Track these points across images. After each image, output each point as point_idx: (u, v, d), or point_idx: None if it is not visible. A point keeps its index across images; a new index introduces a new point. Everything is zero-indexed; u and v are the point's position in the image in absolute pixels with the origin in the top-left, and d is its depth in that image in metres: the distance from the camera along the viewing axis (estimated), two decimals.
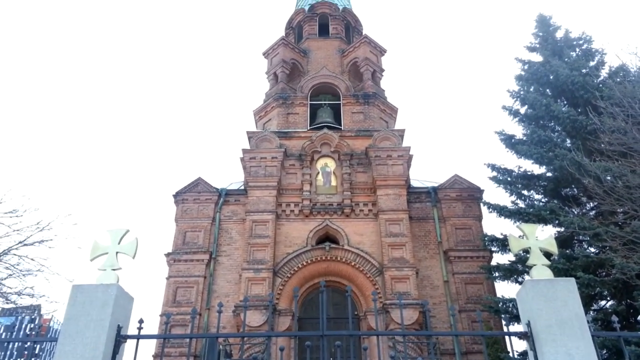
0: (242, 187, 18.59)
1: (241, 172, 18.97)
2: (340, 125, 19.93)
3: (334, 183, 18.08)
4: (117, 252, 6.14)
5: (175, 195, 18.21)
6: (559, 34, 17.02)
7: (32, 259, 13.96)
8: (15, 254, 13.94)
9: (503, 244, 15.61)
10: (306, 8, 24.72)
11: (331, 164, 18.51)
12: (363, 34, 24.00)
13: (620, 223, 13.24)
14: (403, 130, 19.30)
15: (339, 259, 16.33)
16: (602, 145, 13.93)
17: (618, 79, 14.83)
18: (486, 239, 16.24)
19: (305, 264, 16.25)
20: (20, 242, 13.97)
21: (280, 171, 17.95)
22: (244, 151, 18.37)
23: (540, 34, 17.36)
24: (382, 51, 22.93)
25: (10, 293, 14.03)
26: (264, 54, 23.24)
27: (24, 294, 14.05)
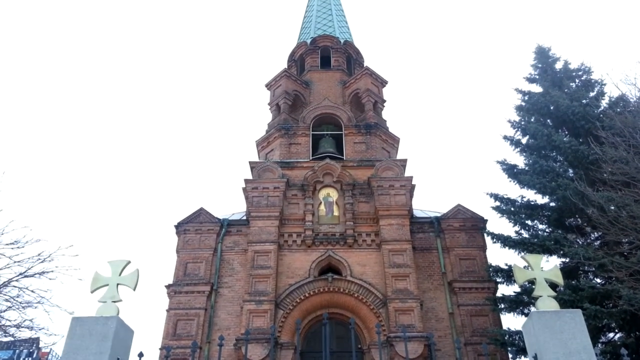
0: (244, 218, 18.54)
1: (243, 202, 18.97)
2: (343, 156, 20.02)
3: (336, 213, 18.04)
4: (117, 284, 6.08)
5: (177, 226, 18.16)
6: (558, 65, 17.25)
7: (32, 291, 13.78)
8: (15, 286, 13.78)
9: (508, 274, 15.43)
10: (308, 41, 25.17)
11: (333, 194, 18.50)
12: (364, 65, 24.35)
13: (625, 253, 13.10)
14: (405, 160, 19.36)
15: (341, 290, 16.13)
16: (605, 175, 13.92)
17: (618, 109, 14.94)
18: (491, 269, 16.07)
19: (307, 295, 16.04)
20: (20, 274, 13.83)
21: (283, 201, 17.93)
22: (247, 181, 18.40)
23: (540, 65, 17.60)
24: (383, 82, 23.22)
25: (9, 326, 13.80)
26: (266, 86, 23.55)
27: (23, 327, 13.81)
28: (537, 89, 17.27)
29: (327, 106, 21.50)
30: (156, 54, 76.18)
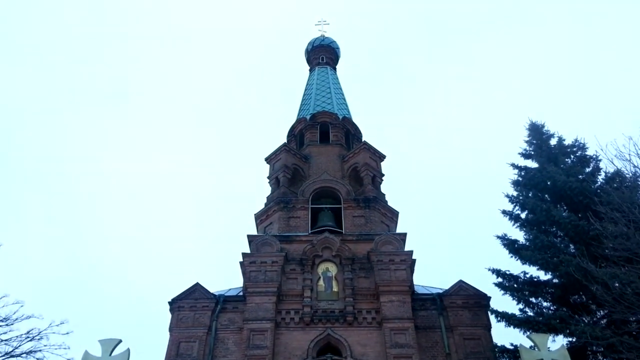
0: (241, 293, 18.08)
1: (240, 276, 18.58)
2: (342, 229, 19.90)
3: (335, 289, 17.62)
4: None
5: (171, 303, 17.63)
6: (553, 142, 17.62)
7: None
8: None
9: (514, 355, 14.81)
10: (308, 117, 25.86)
11: (333, 269, 18.19)
12: (362, 140, 24.86)
13: (634, 332, 12.69)
14: (404, 234, 19.23)
15: None
16: (607, 250, 13.80)
17: (615, 185, 15.07)
18: (496, 350, 15.44)
19: None
20: (7, 354, 13.27)
21: (281, 276, 17.58)
22: (244, 255, 18.14)
23: (534, 141, 17.96)
24: (381, 157, 23.57)
25: None
26: (266, 160, 23.87)
27: None
28: (532, 164, 17.54)
29: (326, 180, 21.68)
30: (153, 123, 77.81)
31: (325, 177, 21.77)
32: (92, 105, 73.62)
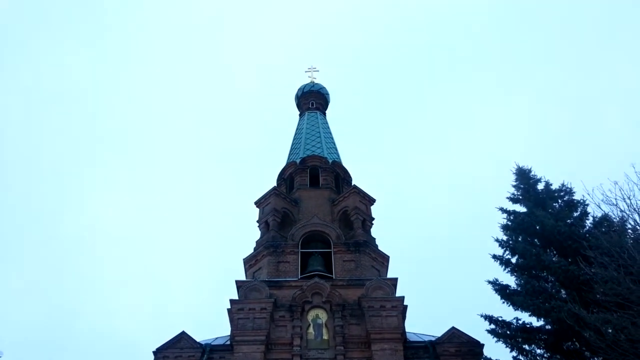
0: (228, 342, 17.59)
1: (228, 324, 18.13)
2: (332, 274, 19.66)
3: (325, 337, 17.24)
4: None
5: (156, 352, 17.07)
6: (540, 186, 17.79)
7: None
8: None
9: None
10: (298, 161, 26.01)
11: (323, 316, 17.85)
12: (352, 184, 24.94)
13: None
14: (395, 279, 19.03)
15: None
16: (598, 296, 13.72)
17: (603, 229, 15.15)
18: None
19: None
20: None
21: (270, 323, 17.19)
22: (232, 301, 17.78)
23: (522, 186, 18.13)
24: (371, 200, 23.61)
25: None
26: (255, 203, 23.77)
27: None
28: (521, 208, 17.63)
29: (316, 224, 21.57)
30: (135, 166, 77.63)
31: (316, 220, 21.68)
32: (73, 147, 73.40)
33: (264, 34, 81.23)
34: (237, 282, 19.39)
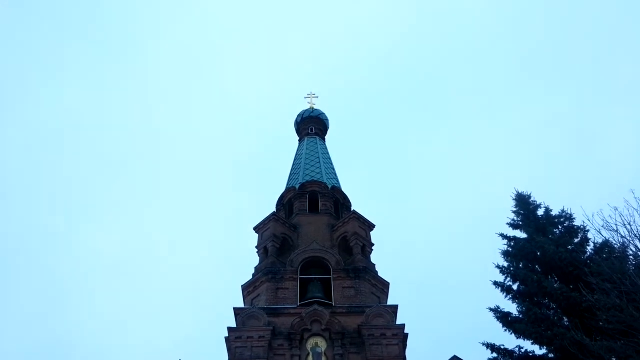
0: None
1: (226, 353, 17.83)
2: (331, 301, 19.42)
3: None
4: None
5: None
6: (540, 212, 17.82)
7: None
8: None
9: None
10: (297, 186, 25.99)
11: (322, 344, 17.54)
12: (352, 209, 24.86)
13: None
14: (396, 307, 18.79)
15: None
16: (601, 323, 13.56)
17: (604, 255, 15.08)
18: None
19: None
20: None
21: (268, 352, 16.89)
22: (230, 330, 17.51)
23: (522, 212, 18.16)
24: (371, 226, 23.50)
25: None
26: (255, 229, 23.64)
27: None
28: (521, 234, 17.63)
29: (315, 249, 21.42)
30: (126, 193, 77.36)
31: (315, 246, 21.53)
32: (67, 177, 73.27)
33: (264, 61, 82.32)
34: (235, 309, 19.14)
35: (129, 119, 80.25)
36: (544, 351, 14.65)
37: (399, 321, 18.15)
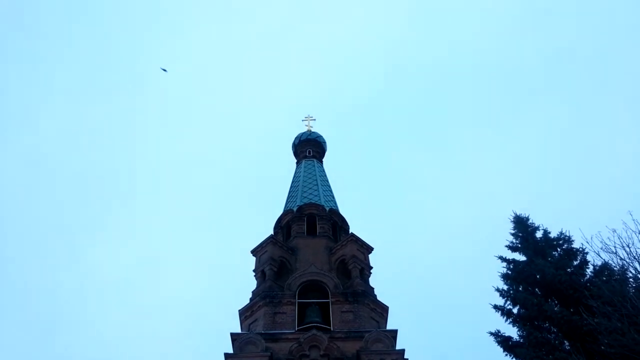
0: None
1: None
2: (330, 325, 19.19)
3: None
4: None
5: None
6: (538, 234, 17.77)
7: None
8: None
9: None
10: (295, 209, 25.92)
11: None
12: (350, 232, 24.76)
13: None
14: (395, 331, 18.57)
15: None
16: (602, 347, 13.40)
17: (604, 278, 15.00)
18: None
19: None
20: None
21: None
22: (227, 356, 17.26)
23: (520, 234, 18.11)
24: (369, 249, 23.37)
25: None
26: (252, 252, 23.48)
27: None
28: (520, 257, 17.56)
29: (313, 273, 21.24)
30: (120, 215, 76.94)
31: (313, 270, 21.36)
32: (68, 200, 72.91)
33: (261, 83, 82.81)
34: (232, 334, 18.87)
35: (122, 141, 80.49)
36: None
37: (398, 346, 17.93)
